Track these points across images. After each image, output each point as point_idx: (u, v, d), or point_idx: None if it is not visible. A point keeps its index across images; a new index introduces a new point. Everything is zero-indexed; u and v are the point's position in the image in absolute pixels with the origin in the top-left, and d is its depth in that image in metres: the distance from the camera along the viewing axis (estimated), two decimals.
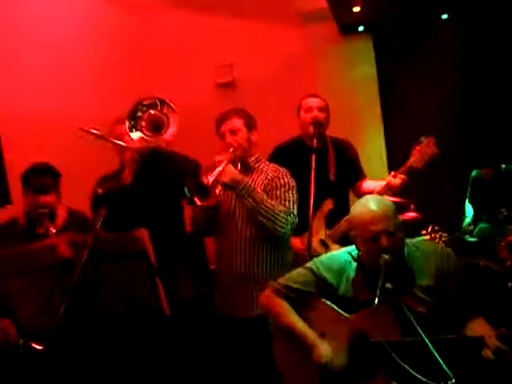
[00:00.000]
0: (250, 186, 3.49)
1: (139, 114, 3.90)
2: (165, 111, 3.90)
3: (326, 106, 4.52)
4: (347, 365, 2.82)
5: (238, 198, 3.53)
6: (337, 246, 4.01)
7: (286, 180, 3.64)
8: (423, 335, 2.48)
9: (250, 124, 3.74)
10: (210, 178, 3.38)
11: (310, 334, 2.91)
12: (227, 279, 3.64)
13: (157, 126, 3.90)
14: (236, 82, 7.16)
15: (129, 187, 3.87)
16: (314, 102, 4.49)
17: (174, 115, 3.87)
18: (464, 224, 6.00)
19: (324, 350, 2.85)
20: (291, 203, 3.58)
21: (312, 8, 6.83)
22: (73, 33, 7.11)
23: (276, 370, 3.07)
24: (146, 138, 3.86)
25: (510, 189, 6.07)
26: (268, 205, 3.45)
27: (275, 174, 3.66)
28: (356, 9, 6.39)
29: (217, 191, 3.49)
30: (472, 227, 5.99)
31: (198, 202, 3.48)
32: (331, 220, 4.27)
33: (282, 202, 3.54)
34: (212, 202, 3.52)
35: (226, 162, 3.51)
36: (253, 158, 3.76)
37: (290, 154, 4.45)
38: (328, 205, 4.29)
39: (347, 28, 6.98)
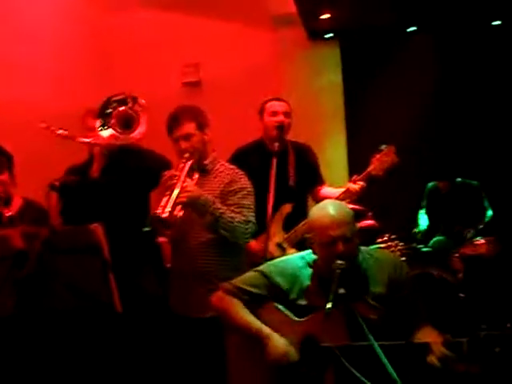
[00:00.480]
0: (209, 200, 3.44)
1: (109, 110, 3.87)
2: (135, 108, 3.88)
3: (290, 110, 4.54)
4: (296, 367, 2.83)
5: (197, 214, 3.48)
6: (293, 250, 4.02)
7: (242, 184, 3.61)
8: (372, 341, 2.50)
9: (202, 124, 3.67)
10: (168, 209, 3.32)
11: (265, 328, 2.90)
12: (183, 279, 3.62)
13: (127, 123, 3.88)
14: (202, 81, 7.16)
15: (96, 181, 3.84)
16: (279, 106, 4.49)
17: (145, 112, 3.85)
18: (414, 232, 6.08)
19: (279, 343, 2.84)
20: (250, 211, 3.57)
21: (282, 12, 6.86)
22: (42, 27, 7.02)
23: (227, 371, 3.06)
24: (116, 134, 3.84)
25: (464, 202, 6.17)
26: (228, 218, 3.43)
27: (232, 178, 3.63)
28: (325, 15, 6.44)
29: (177, 214, 3.41)
30: (420, 236, 6.07)
31: (159, 236, 3.45)
32: (289, 224, 4.28)
33: (240, 209, 3.53)
34: (170, 231, 3.47)
35: (182, 179, 3.46)
36: (209, 160, 3.72)
37: (250, 157, 4.46)
38: (286, 209, 4.30)
39: (316, 34, 7.03)
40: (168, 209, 3.30)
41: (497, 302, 4.78)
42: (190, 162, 3.54)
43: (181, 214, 3.40)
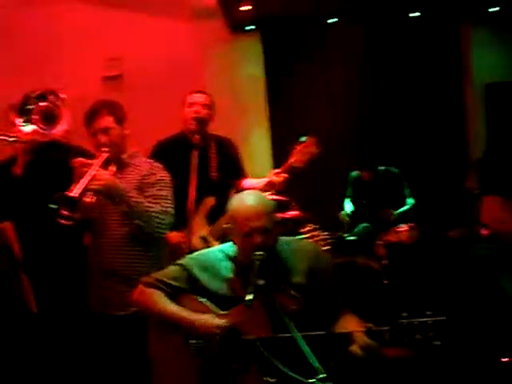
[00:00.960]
0: (124, 190, 3.39)
1: (30, 106, 3.78)
2: (56, 102, 3.80)
3: (211, 102, 4.51)
4: (218, 359, 2.82)
5: (111, 204, 3.42)
6: (217, 243, 3.97)
7: (160, 176, 3.57)
8: (294, 331, 2.51)
9: (121, 118, 3.61)
10: (77, 191, 3.26)
11: (187, 313, 2.86)
12: (101, 276, 3.55)
13: (49, 118, 3.79)
14: (124, 75, 7.06)
15: (19, 178, 3.73)
16: (197, 97, 4.47)
17: (66, 106, 3.78)
18: (341, 217, 6.17)
19: (206, 317, 2.80)
20: (167, 202, 3.52)
21: (203, 4, 6.84)
22: None
23: (151, 368, 3.03)
24: (39, 130, 3.74)
25: (387, 189, 6.28)
26: (143, 207, 3.38)
27: (150, 171, 3.59)
28: (245, 7, 6.42)
29: (87, 200, 3.35)
30: (347, 219, 6.17)
31: (64, 215, 3.34)
32: (213, 217, 4.26)
33: (158, 200, 3.49)
34: (78, 215, 3.38)
35: (95, 167, 3.39)
36: (127, 154, 3.67)
37: (171, 150, 4.42)
38: (209, 202, 4.29)
39: (237, 26, 7.03)
40: (77, 190, 3.24)
41: (417, 288, 4.89)
42: (105, 155, 3.49)
43: (92, 200, 3.35)
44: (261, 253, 2.73)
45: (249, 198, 2.93)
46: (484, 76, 7.24)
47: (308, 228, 4.90)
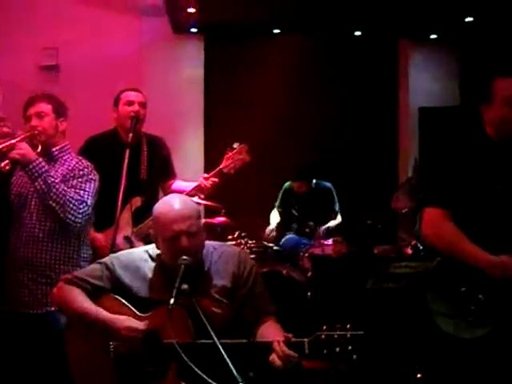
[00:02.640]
0: (43, 167, 3.29)
1: None
2: None
3: (146, 102, 4.45)
4: (137, 363, 2.77)
5: (28, 178, 3.32)
6: (141, 244, 3.91)
7: (86, 171, 3.48)
8: (215, 338, 2.47)
9: (60, 111, 3.52)
10: None
11: (105, 313, 2.78)
12: (18, 272, 3.42)
13: None
14: (60, 66, 6.93)
15: None
16: (135, 96, 4.38)
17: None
18: (267, 231, 6.18)
19: (123, 319, 2.74)
20: (86, 193, 3.41)
21: (148, 3, 6.78)
22: None
23: (67, 368, 2.95)
24: None
25: (317, 202, 6.34)
26: (60, 189, 3.29)
27: (76, 166, 3.50)
28: (191, 10, 6.40)
29: (3, 166, 3.26)
30: (274, 234, 6.18)
31: None
32: (138, 217, 4.18)
33: (77, 190, 3.40)
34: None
35: (20, 137, 3.31)
36: (57, 148, 3.56)
37: (103, 146, 4.33)
38: (136, 202, 4.20)
39: (180, 27, 7.00)
40: None
41: (341, 301, 4.95)
42: (29, 133, 3.39)
43: (7, 168, 3.27)
44: (186, 257, 2.70)
45: (174, 201, 2.88)
46: (418, 99, 7.41)
47: (235, 235, 4.92)
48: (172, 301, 2.53)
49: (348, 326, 2.55)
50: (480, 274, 2.87)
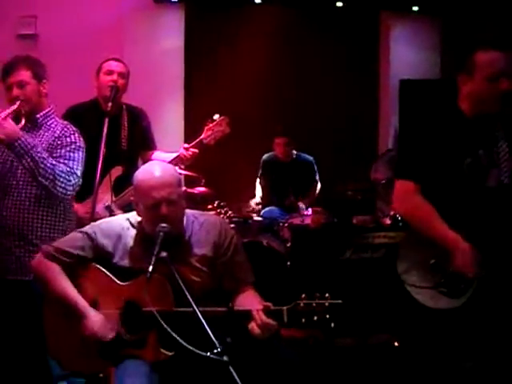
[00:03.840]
0: (29, 143, 3.26)
1: None
2: None
3: (127, 72, 4.41)
4: (119, 332, 2.79)
5: (15, 156, 3.30)
6: (121, 212, 3.91)
7: (72, 139, 3.44)
8: (194, 305, 2.49)
9: (40, 75, 3.45)
10: None
11: (81, 302, 2.80)
12: (4, 239, 3.43)
13: None
14: (39, 35, 6.85)
15: None
16: (115, 65, 4.36)
17: None
18: (252, 202, 6.21)
19: (94, 321, 2.76)
20: (75, 163, 3.40)
21: None
22: None
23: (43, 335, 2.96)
24: None
25: (299, 175, 6.37)
26: (48, 164, 3.28)
27: (62, 132, 3.48)
28: None
29: None
30: (259, 207, 6.22)
31: None
32: (119, 187, 4.18)
33: (66, 161, 3.39)
34: None
35: (5, 114, 3.27)
36: (42, 113, 3.52)
37: (83, 116, 4.30)
38: (117, 171, 4.22)
39: None
40: None
41: (319, 271, 4.99)
42: (15, 106, 3.35)
43: None
44: (165, 225, 2.71)
45: (155, 168, 2.89)
46: (400, 72, 7.42)
47: (215, 205, 4.93)
48: (150, 268, 2.55)
49: (326, 294, 2.58)
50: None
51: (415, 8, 7.29)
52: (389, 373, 3.97)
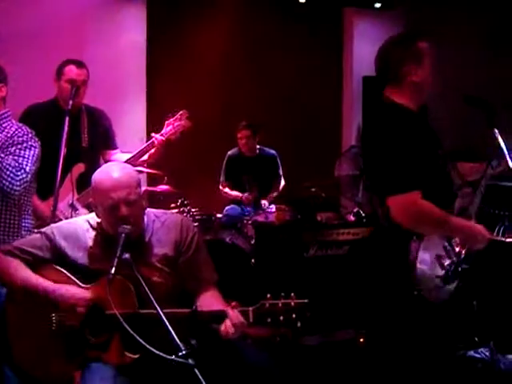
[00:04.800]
0: None
1: None
2: None
3: (88, 77, 4.35)
4: (80, 334, 2.74)
5: None
6: (85, 210, 3.95)
7: (25, 138, 3.35)
8: (157, 307, 2.46)
9: None
10: None
11: (45, 282, 2.76)
12: None
13: None
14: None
15: None
16: (76, 74, 4.23)
17: None
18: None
19: (63, 291, 2.72)
20: (25, 160, 3.29)
21: None
22: None
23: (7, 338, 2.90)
24: None
25: (263, 170, 6.35)
26: None
27: (16, 133, 3.39)
28: None
29: None
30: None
31: None
32: (81, 184, 4.15)
33: (15, 157, 3.30)
34: None
35: None
36: None
37: (42, 115, 4.26)
38: (79, 168, 4.20)
39: None
40: None
41: (284, 268, 4.98)
42: None
43: None
44: (127, 226, 2.67)
45: (112, 168, 2.86)
46: (362, 68, 7.45)
47: (178, 203, 4.91)
48: (113, 270, 2.51)
49: (292, 294, 2.57)
50: None
51: (378, 5, 7.34)
52: (355, 370, 3.98)
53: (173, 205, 5.09)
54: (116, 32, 6.88)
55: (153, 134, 4.40)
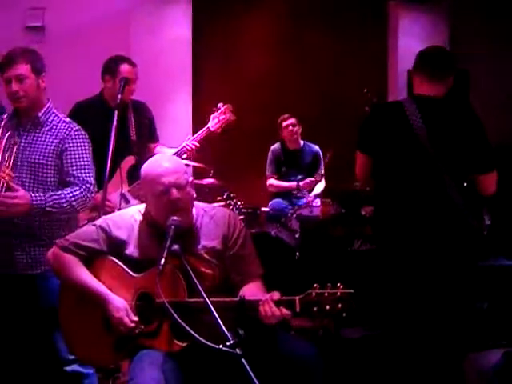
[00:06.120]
0: (41, 201, 3.18)
1: None
2: None
3: (137, 74, 4.46)
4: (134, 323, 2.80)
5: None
6: (137, 201, 4.03)
7: (77, 142, 3.36)
8: (205, 297, 2.51)
9: (38, 68, 3.35)
10: None
11: (103, 289, 2.83)
12: (4, 236, 3.37)
13: None
14: (47, 27, 6.85)
15: None
16: (133, 73, 4.37)
17: None
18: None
19: (118, 306, 2.78)
20: (85, 171, 3.34)
21: None
22: None
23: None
24: None
25: (306, 164, 6.36)
26: (64, 204, 3.22)
27: (66, 133, 3.35)
28: None
29: None
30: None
31: None
32: (132, 176, 4.30)
33: (76, 172, 3.30)
34: None
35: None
36: (42, 111, 3.37)
37: (91, 111, 4.35)
38: (130, 161, 4.34)
39: None
40: None
41: (328, 262, 4.99)
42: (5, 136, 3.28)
43: None
44: (176, 218, 2.73)
45: (160, 158, 2.99)
46: (408, 62, 7.37)
47: (224, 196, 4.95)
48: (162, 261, 2.57)
49: (338, 284, 2.59)
50: None
51: None
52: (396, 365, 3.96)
53: (219, 198, 5.13)
54: (162, 27, 6.95)
55: (184, 143, 4.50)
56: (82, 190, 3.31)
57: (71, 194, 3.28)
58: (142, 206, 2.99)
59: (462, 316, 3.42)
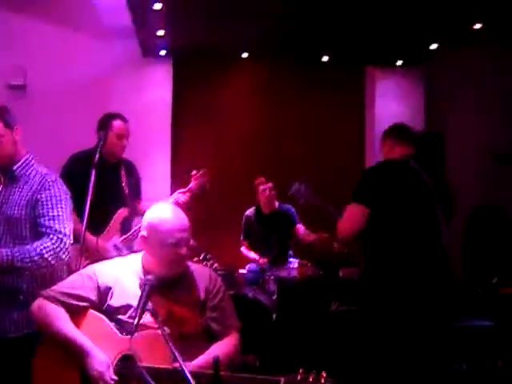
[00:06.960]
0: (8, 256, 3.07)
1: None
2: None
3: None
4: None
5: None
6: (128, 251, 4.12)
7: (52, 192, 3.26)
8: (181, 362, 2.45)
9: (10, 122, 3.26)
10: None
11: (87, 342, 2.75)
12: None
13: None
14: (28, 85, 6.91)
15: None
16: (125, 129, 4.52)
17: None
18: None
19: (100, 361, 2.71)
20: (59, 222, 3.20)
21: (116, 24, 6.76)
22: None
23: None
24: None
25: (280, 225, 6.34)
26: (35, 257, 3.09)
27: (40, 185, 3.25)
28: (160, 32, 6.42)
29: None
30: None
31: None
32: (124, 228, 4.45)
33: (49, 222, 3.18)
34: None
35: None
36: (18, 164, 3.28)
37: (87, 163, 4.36)
38: (123, 212, 4.44)
39: (149, 50, 7.03)
40: None
41: (305, 323, 4.96)
42: None
43: None
44: (150, 277, 2.70)
45: (173, 209, 2.97)
46: (385, 125, 7.48)
47: (201, 257, 4.94)
48: (136, 321, 2.54)
49: (322, 372, 2.56)
50: None
51: (399, 62, 7.43)
52: None
53: (196, 259, 5.11)
54: (142, 89, 7.07)
55: (177, 195, 4.61)
56: (54, 241, 3.16)
57: (42, 246, 3.14)
58: (133, 256, 3.00)
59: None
